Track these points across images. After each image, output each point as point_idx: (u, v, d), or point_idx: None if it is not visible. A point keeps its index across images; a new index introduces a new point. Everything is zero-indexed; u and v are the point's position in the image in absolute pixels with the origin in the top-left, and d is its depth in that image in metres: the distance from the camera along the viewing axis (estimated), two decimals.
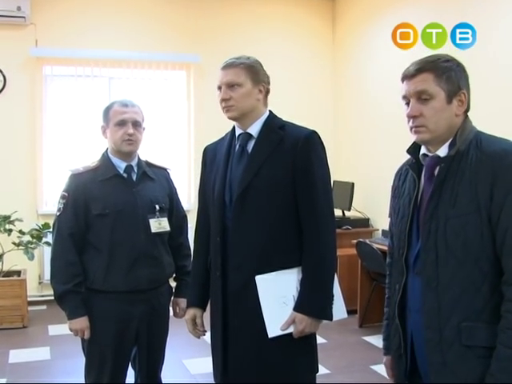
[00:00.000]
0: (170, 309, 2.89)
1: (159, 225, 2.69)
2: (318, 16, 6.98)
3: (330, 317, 2.22)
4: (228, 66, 2.29)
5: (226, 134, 2.43)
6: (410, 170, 1.89)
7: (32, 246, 5.28)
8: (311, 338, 2.26)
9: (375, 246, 4.98)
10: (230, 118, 2.31)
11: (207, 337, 2.41)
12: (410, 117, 1.78)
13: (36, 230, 5.33)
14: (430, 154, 1.82)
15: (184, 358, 4.43)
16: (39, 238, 5.25)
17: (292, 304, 2.19)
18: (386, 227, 5.92)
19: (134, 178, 2.72)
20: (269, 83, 2.34)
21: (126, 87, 6.39)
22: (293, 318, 2.17)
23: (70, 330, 2.64)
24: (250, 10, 6.71)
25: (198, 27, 6.54)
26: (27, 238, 5.33)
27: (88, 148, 6.02)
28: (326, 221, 2.23)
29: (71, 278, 2.59)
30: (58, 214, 2.68)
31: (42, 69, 6.14)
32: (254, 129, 2.30)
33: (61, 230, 2.64)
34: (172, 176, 2.95)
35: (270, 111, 2.36)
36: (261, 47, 6.41)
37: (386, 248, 5.15)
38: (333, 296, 2.23)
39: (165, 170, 2.93)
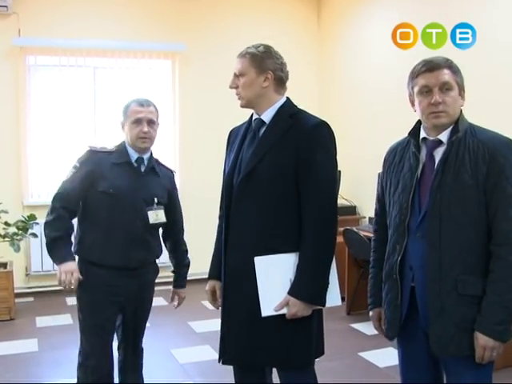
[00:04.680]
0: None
1: (156, 216, 2.90)
2: (303, 4, 6.96)
3: (322, 303, 2.30)
4: (239, 55, 2.40)
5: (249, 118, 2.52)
6: (408, 150, 2.22)
7: (18, 237, 5.23)
8: (309, 319, 2.31)
9: (362, 233, 4.99)
10: (240, 107, 2.43)
11: (195, 326, 2.42)
12: (435, 103, 2.08)
13: (22, 221, 5.27)
14: (430, 138, 2.15)
15: (172, 348, 4.40)
16: (25, 230, 5.20)
17: (288, 287, 2.27)
18: (373, 215, 5.96)
19: (143, 169, 2.93)
20: (281, 70, 2.39)
21: (111, 77, 6.34)
22: (286, 301, 2.26)
23: (59, 278, 2.71)
24: None
25: (183, 16, 6.49)
26: (13, 229, 5.27)
27: (73, 138, 5.98)
28: (326, 211, 2.28)
29: (62, 228, 2.78)
30: (65, 179, 2.87)
31: (26, 59, 6.06)
32: (267, 115, 2.38)
33: (58, 193, 2.83)
34: (176, 179, 3.23)
35: (287, 98, 2.44)
36: (246, 35, 6.37)
37: (372, 235, 5.18)
38: (328, 283, 2.30)
39: (171, 171, 3.16)
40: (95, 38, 6.15)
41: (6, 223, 5.26)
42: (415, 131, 2.22)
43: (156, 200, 2.91)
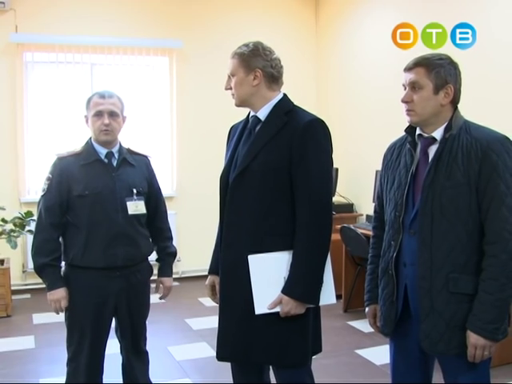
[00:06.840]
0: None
1: (136, 207, 2.85)
2: (300, 2, 6.95)
3: (316, 302, 2.29)
4: (230, 56, 2.39)
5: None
6: (405, 146, 2.22)
7: (15, 234, 5.23)
8: (304, 317, 2.30)
9: (359, 231, 5.00)
10: (235, 106, 2.43)
11: (192, 323, 2.43)
12: (402, 101, 2.13)
13: (19, 218, 5.28)
14: (425, 135, 2.16)
15: (169, 345, 4.42)
16: (22, 227, 5.20)
17: (281, 285, 2.27)
18: (370, 212, 5.98)
19: (115, 163, 2.87)
20: (271, 66, 2.36)
21: (109, 73, 6.31)
22: (280, 299, 2.25)
23: (50, 301, 2.79)
24: None
25: (180, 12, 6.48)
26: (10, 226, 5.28)
27: (70, 135, 5.96)
28: (320, 209, 2.26)
29: (49, 252, 2.78)
30: (42, 193, 2.85)
31: (23, 55, 6.04)
32: (263, 113, 2.38)
33: (42, 209, 2.82)
34: (153, 163, 3.09)
35: (284, 95, 2.42)
36: (243, 32, 6.37)
37: (370, 233, 5.19)
38: (322, 281, 2.28)
39: (145, 157, 3.06)
40: (92, 35, 6.13)
41: (3, 220, 5.26)
42: (412, 128, 2.21)
43: (135, 191, 2.85)
